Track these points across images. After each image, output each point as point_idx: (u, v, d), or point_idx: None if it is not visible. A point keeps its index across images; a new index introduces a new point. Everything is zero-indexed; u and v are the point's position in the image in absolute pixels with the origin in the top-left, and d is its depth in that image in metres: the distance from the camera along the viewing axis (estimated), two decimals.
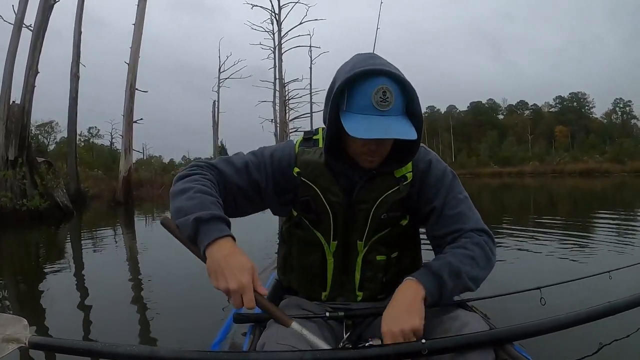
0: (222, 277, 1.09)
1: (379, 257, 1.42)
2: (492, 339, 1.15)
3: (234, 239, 1.18)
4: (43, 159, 12.19)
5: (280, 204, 1.46)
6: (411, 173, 1.38)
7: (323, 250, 1.43)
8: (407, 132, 1.20)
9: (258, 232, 6.65)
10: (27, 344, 1.17)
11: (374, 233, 1.39)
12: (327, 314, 1.31)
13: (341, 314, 1.31)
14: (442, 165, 1.45)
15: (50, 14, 11.69)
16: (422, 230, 1.52)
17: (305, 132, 1.49)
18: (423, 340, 1.07)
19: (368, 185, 1.36)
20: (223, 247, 1.14)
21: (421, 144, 1.36)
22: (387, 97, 1.20)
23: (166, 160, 46.23)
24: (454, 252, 1.30)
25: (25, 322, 1.23)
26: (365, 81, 1.20)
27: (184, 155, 47.66)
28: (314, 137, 1.45)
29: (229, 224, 1.22)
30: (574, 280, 1.82)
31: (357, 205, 1.36)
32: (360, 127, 1.18)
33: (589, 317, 1.25)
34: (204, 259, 1.16)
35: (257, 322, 1.42)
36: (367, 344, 1.16)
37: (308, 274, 1.47)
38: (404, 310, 1.15)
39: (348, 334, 1.29)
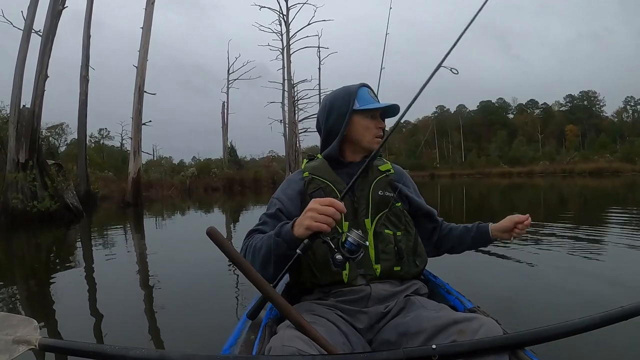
0: (309, 215, 1.34)
1: (386, 231, 1.68)
2: (505, 344, 1.15)
3: None
4: (53, 161, 12.35)
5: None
6: (392, 170, 1.85)
7: (339, 232, 1.57)
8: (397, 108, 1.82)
9: None
10: (37, 346, 1.19)
11: (377, 211, 1.69)
12: (299, 252, 1.38)
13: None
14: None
15: (59, 20, 11.87)
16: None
17: (308, 155, 1.97)
18: (434, 346, 1.09)
19: (364, 176, 1.71)
20: (297, 220, 1.40)
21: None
22: (374, 95, 1.84)
23: (176, 161, 46.24)
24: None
25: (36, 323, 1.25)
26: (361, 88, 1.82)
27: (194, 156, 47.68)
28: (316, 157, 1.91)
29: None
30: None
31: (359, 191, 1.71)
32: (378, 104, 1.79)
33: (602, 321, 1.23)
34: (293, 241, 1.40)
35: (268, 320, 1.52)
36: (346, 244, 1.36)
37: (328, 258, 1.54)
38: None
39: (334, 254, 1.37)
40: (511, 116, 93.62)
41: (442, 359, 1.07)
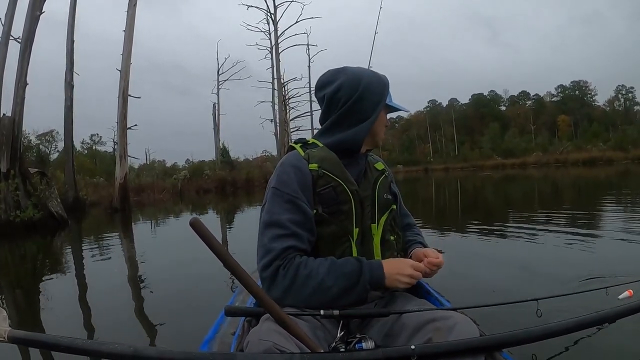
0: (402, 278, 1.45)
1: (391, 237, 1.63)
2: (481, 346, 1.17)
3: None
4: (36, 169, 12.22)
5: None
6: (385, 169, 1.74)
7: (350, 240, 1.52)
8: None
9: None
10: (6, 338, 1.15)
11: (381, 215, 1.61)
12: (322, 312, 1.30)
13: (335, 312, 1.31)
14: None
15: (37, 25, 11.70)
16: None
17: (297, 140, 1.72)
18: (412, 346, 1.09)
19: (364, 176, 1.64)
20: (385, 267, 1.46)
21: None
22: None
23: (170, 164, 46.01)
24: (420, 237, 1.84)
25: (5, 313, 1.21)
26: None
27: (187, 159, 47.47)
28: (309, 142, 1.68)
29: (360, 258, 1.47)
30: (571, 294, 1.91)
31: (363, 191, 1.58)
32: (404, 107, 1.77)
33: (577, 326, 1.31)
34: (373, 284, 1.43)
35: (247, 316, 1.46)
36: (357, 346, 1.24)
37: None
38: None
39: (341, 333, 1.31)
40: (503, 108, 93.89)
41: (420, 359, 1.09)
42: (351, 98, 1.60)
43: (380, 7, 3.93)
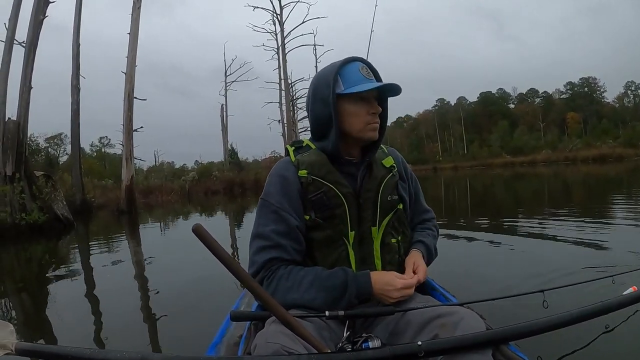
0: (391, 294, 1.41)
1: (392, 240, 1.57)
2: (488, 340, 1.16)
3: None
4: (42, 172, 12.27)
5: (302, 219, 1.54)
6: (394, 165, 1.65)
7: (346, 243, 1.50)
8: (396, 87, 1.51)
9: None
10: (13, 350, 1.16)
11: (383, 217, 1.55)
12: (327, 313, 1.29)
13: (341, 313, 1.29)
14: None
15: (41, 29, 11.76)
16: None
17: (293, 142, 1.67)
18: (419, 342, 1.09)
19: (369, 175, 1.56)
20: (373, 281, 1.42)
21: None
22: (368, 71, 1.53)
23: (178, 165, 46.05)
24: (427, 232, 1.75)
25: (11, 327, 1.21)
26: (349, 65, 1.52)
27: (196, 160, 47.52)
28: (304, 144, 1.63)
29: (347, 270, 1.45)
30: (577, 284, 1.89)
31: (365, 193, 1.53)
32: (366, 85, 1.48)
33: (581, 316, 1.31)
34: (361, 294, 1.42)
35: (253, 320, 1.47)
36: (363, 345, 1.22)
37: (334, 264, 1.51)
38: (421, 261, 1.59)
39: (347, 333, 1.29)
40: (512, 106, 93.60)
41: (427, 355, 1.09)
42: (308, 107, 1.61)
43: (376, 5, 3.91)
